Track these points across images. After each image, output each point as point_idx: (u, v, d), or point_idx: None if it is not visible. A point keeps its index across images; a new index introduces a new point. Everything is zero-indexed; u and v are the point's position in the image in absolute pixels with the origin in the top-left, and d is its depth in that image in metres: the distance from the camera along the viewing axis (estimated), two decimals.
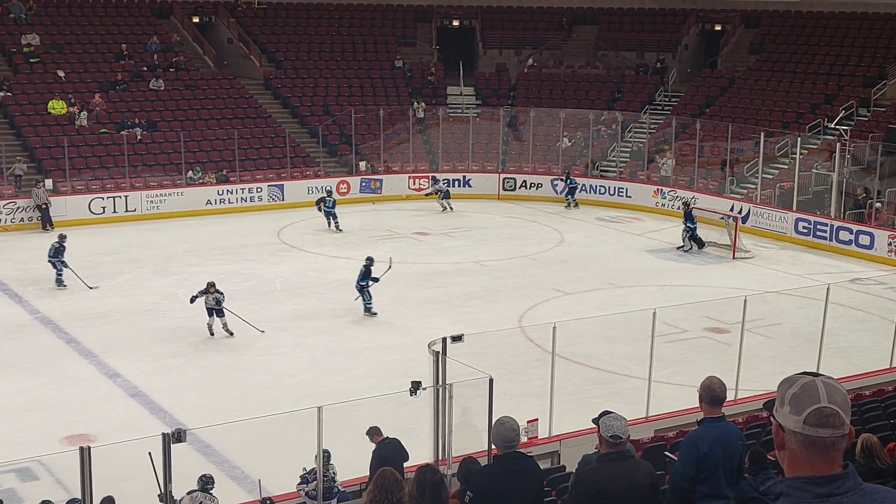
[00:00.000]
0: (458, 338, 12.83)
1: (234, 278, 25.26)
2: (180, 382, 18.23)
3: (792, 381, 2.92)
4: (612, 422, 6.16)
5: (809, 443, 2.84)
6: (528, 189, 37.01)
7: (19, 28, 37.43)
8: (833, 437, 2.83)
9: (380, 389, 17.10)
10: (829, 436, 2.83)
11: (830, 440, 2.83)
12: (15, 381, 18.02)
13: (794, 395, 2.88)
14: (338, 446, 12.79)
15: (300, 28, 43.41)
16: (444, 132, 38.78)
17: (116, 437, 14.91)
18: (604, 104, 40.33)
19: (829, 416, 2.83)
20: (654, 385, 15.51)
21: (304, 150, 37.17)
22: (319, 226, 31.67)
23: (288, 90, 40.00)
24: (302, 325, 21.61)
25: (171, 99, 37.12)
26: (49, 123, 34.21)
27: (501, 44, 44.28)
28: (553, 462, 13.49)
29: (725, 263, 28.03)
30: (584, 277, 26.05)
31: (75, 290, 24.00)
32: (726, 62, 41.39)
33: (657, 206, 34.60)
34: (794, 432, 2.85)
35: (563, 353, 15.99)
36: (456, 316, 22.18)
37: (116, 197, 32.07)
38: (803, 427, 2.84)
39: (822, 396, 2.85)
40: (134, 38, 39.05)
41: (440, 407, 12.79)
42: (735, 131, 34.84)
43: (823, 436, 2.82)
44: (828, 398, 2.84)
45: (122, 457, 12.79)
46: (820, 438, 2.83)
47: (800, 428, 2.84)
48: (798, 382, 2.90)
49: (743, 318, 16.25)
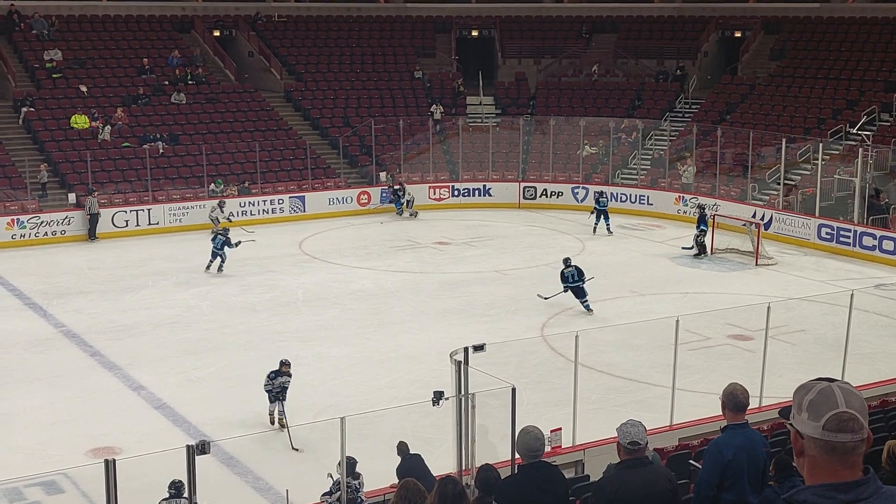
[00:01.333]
0: (480, 347, 12.79)
1: (257, 290, 25.37)
2: (204, 394, 18.29)
3: (808, 388, 2.92)
4: (629, 428, 6.15)
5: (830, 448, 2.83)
6: (549, 198, 36.97)
7: (42, 43, 37.76)
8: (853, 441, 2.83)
9: (402, 400, 17.12)
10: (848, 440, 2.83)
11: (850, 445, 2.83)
12: (40, 395, 18.13)
13: (811, 401, 2.88)
14: (360, 457, 12.79)
15: (320, 40, 43.59)
16: (463, 142, 38.82)
17: (141, 450, 14.97)
18: (624, 112, 40.28)
19: (847, 420, 2.83)
20: (678, 393, 15.43)
21: (324, 161, 37.29)
22: (341, 237, 31.78)
23: (308, 102, 40.16)
24: (324, 336, 21.65)
25: (193, 112, 37.35)
26: (72, 138, 34.47)
27: (521, 53, 44.32)
28: (577, 471, 13.44)
29: (748, 270, 27.90)
30: (605, 285, 25.96)
31: (100, 303, 24.15)
32: (747, 69, 41.25)
33: (679, 213, 34.49)
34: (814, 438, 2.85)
35: (585, 361, 15.95)
36: (478, 325, 22.16)
37: (139, 210, 32.25)
38: (822, 433, 2.83)
39: (839, 402, 2.85)
40: (155, 52, 39.32)
41: (463, 417, 12.77)
42: (756, 138, 34.69)
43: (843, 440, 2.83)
44: (845, 403, 2.85)
45: (147, 469, 12.84)
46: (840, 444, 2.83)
47: (819, 434, 2.84)
48: (815, 388, 2.90)
49: (766, 325, 16.17)
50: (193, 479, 10.12)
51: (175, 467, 10.11)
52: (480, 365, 12.82)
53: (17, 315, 23.28)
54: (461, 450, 12.79)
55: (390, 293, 25.23)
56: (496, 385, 12.75)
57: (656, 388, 17.40)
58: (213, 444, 11.12)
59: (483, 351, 12.74)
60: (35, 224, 30.50)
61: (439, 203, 36.33)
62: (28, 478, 14.16)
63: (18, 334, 21.65)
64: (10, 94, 35.63)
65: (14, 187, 31.73)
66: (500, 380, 12.75)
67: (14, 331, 21.94)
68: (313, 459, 14.69)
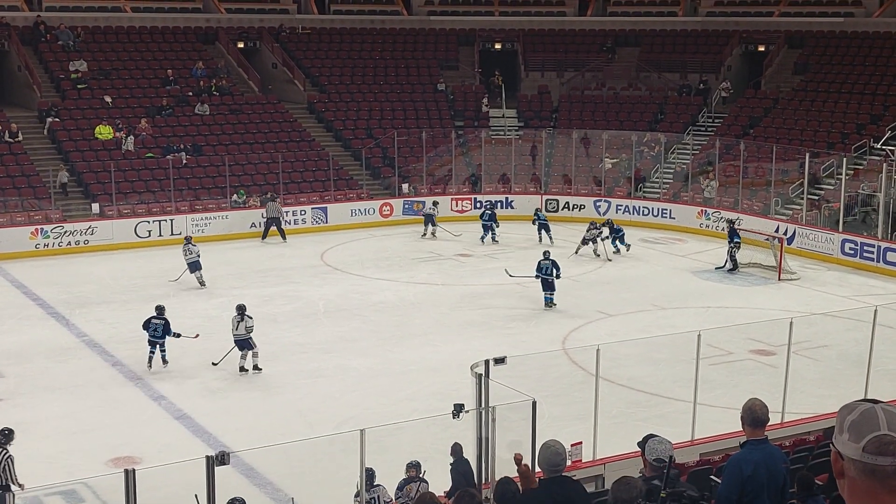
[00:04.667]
0: (501, 360, 12.76)
1: (278, 301, 25.41)
2: (224, 405, 18.32)
3: (851, 408, 2.85)
4: (656, 445, 6.11)
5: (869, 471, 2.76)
6: (571, 210, 36.92)
7: (67, 54, 38.07)
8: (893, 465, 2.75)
9: (423, 412, 17.09)
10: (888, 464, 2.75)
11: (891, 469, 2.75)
12: (61, 404, 18.21)
13: (853, 422, 2.81)
14: (380, 469, 12.78)
15: (343, 52, 43.74)
16: (486, 154, 38.83)
17: (161, 460, 15.01)
18: (646, 126, 40.20)
19: (888, 444, 2.75)
20: (700, 408, 15.34)
21: (347, 172, 37.38)
22: (362, 248, 31.82)
23: (331, 114, 40.29)
24: (345, 347, 21.66)
25: (216, 123, 37.53)
26: (96, 148, 34.70)
27: (543, 66, 44.33)
28: (597, 486, 13.37)
29: (771, 285, 27.74)
30: (627, 299, 25.90)
31: (122, 313, 24.25)
32: (770, 83, 41.10)
33: (701, 227, 34.36)
34: (854, 460, 2.78)
35: (606, 375, 15.88)
36: (498, 338, 22.12)
37: (162, 220, 32.41)
38: (862, 455, 2.76)
39: (881, 424, 2.77)
40: (180, 63, 39.57)
41: (483, 430, 12.73)
42: (780, 152, 34.54)
43: (883, 464, 2.75)
44: (887, 425, 2.77)
45: (167, 480, 12.87)
46: (880, 467, 2.75)
47: (859, 456, 2.77)
48: (857, 409, 2.83)
49: (789, 341, 16.05)
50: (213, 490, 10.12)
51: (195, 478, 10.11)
52: (501, 378, 12.78)
53: (39, 324, 23.42)
54: (481, 463, 12.75)
55: (412, 305, 25.23)
56: (517, 398, 12.70)
57: (677, 402, 17.30)
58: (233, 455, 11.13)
59: (504, 364, 12.70)
60: (58, 234, 30.69)
61: (461, 215, 36.32)
62: (48, 487, 14.21)
63: (41, 343, 21.77)
64: (36, 105, 35.92)
65: (38, 197, 31.96)
66: (521, 393, 12.71)
67: (36, 340, 22.07)
68: (333, 471, 14.67)
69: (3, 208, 31.15)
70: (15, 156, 33.37)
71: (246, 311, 20.04)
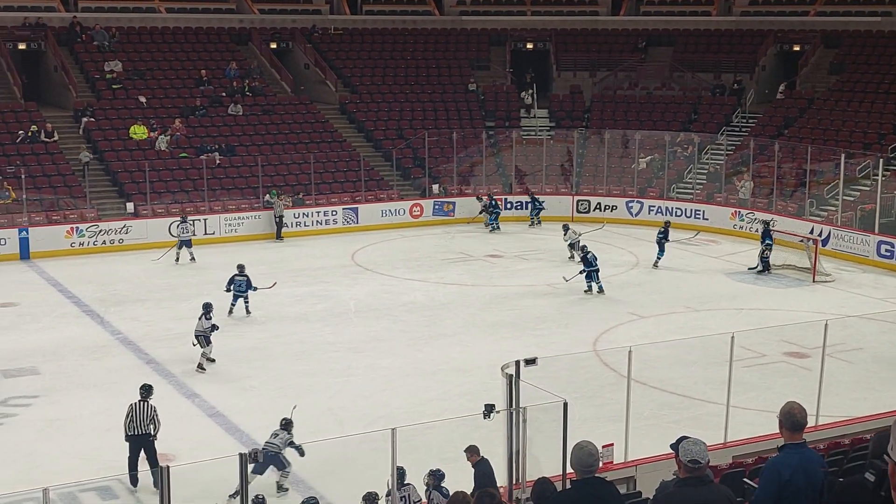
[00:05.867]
0: (532, 361, 12.74)
1: (309, 300, 25.52)
2: (257, 403, 18.42)
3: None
4: (691, 446, 6.07)
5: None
6: (603, 211, 36.80)
7: (102, 55, 38.40)
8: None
9: (453, 412, 17.11)
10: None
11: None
12: (96, 401, 18.38)
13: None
14: (410, 469, 12.80)
15: (375, 53, 43.83)
16: (517, 154, 38.78)
17: (194, 457, 15.12)
18: (680, 126, 39.99)
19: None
20: (732, 410, 15.25)
21: (378, 173, 37.45)
22: (393, 248, 31.89)
23: (363, 114, 40.38)
24: (376, 347, 21.72)
25: (249, 124, 37.72)
26: (131, 148, 34.98)
27: (576, 66, 44.20)
28: (629, 487, 13.33)
29: (805, 287, 27.53)
30: (659, 300, 25.78)
31: (156, 311, 24.44)
32: (805, 83, 40.77)
33: (735, 228, 34.15)
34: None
35: (638, 377, 15.82)
36: (529, 339, 22.10)
37: (195, 220, 32.59)
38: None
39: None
40: (213, 64, 39.80)
41: (514, 431, 12.71)
42: (815, 153, 34.26)
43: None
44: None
45: (201, 476, 12.95)
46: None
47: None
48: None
49: (824, 343, 15.92)
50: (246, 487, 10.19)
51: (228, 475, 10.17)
52: (531, 378, 12.77)
53: (74, 322, 23.64)
54: (512, 464, 12.74)
55: (442, 305, 25.25)
56: (547, 399, 12.69)
57: (710, 404, 17.21)
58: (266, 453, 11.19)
59: (535, 365, 12.68)
60: (94, 233, 30.96)
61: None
62: (83, 483, 14.34)
63: (76, 341, 21.98)
64: (71, 105, 36.26)
65: (74, 196, 32.26)
66: (552, 394, 12.69)
67: (72, 337, 22.28)
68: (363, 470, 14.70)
69: (39, 207, 31.46)
70: (51, 155, 33.69)
71: (211, 310, 20.33)
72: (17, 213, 30.88)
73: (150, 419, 14.97)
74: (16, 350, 21.30)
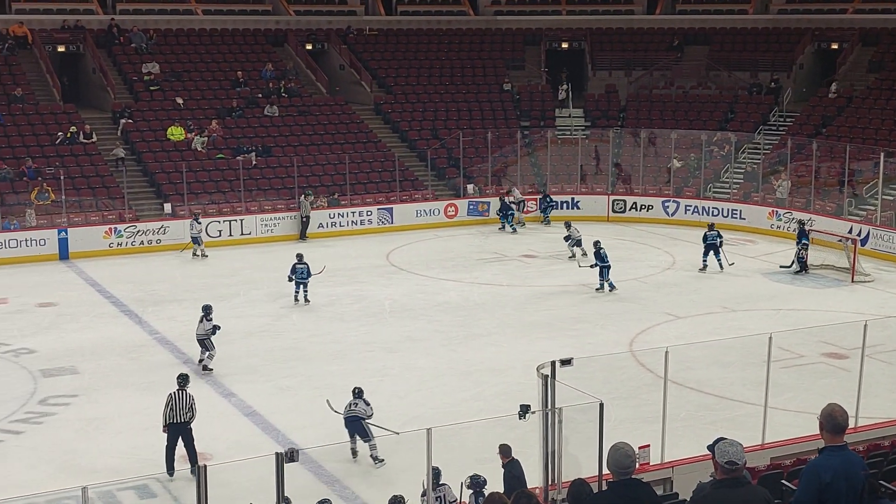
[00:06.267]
0: (568, 361, 12.69)
1: (345, 300, 25.60)
2: (293, 402, 18.50)
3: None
4: (727, 447, 6.04)
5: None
6: (639, 211, 36.65)
7: (140, 57, 38.73)
8: None
9: (487, 412, 17.10)
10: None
11: None
12: (134, 400, 18.53)
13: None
14: (445, 469, 12.79)
15: (410, 54, 43.91)
16: (552, 154, 38.69)
17: (231, 456, 15.23)
18: (716, 125, 39.73)
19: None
20: (770, 412, 15.12)
21: (412, 173, 37.50)
22: (428, 248, 31.91)
23: (398, 115, 40.45)
24: (411, 347, 21.75)
25: (285, 125, 37.90)
26: (168, 149, 35.25)
27: (611, 65, 44.04)
28: (665, 489, 13.25)
29: (844, 287, 27.26)
30: (696, 301, 25.63)
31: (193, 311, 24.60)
32: (843, 81, 40.37)
33: (772, 228, 33.87)
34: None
35: (675, 378, 15.73)
36: (564, 339, 22.04)
37: (232, 220, 32.84)
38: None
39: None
40: (249, 65, 40.03)
41: (549, 431, 12.68)
42: (853, 151, 33.91)
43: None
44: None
45: (237, 476, 13.03)
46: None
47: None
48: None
49: (863, 344, 15.74)
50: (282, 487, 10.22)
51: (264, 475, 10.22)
52: (566, 379, 12.72)
53: (112, 322, 23.86)
54: (548, 464, 12.70)
55: (476, 305, 25.24)
56: (583, 400, 12.63)
57: (747, 406, 17.09)
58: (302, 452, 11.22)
59: (570, 365, 12.63)
60: (132, 233, 31.22)
61: (526, 216, 36.21)
62: (121, 481, 14.48)
63: (114, 340, 22.18)
64: (110, 106, 36.61)
65: (112, 197, 32.55)
66: (588, 394, 12.64)
67: (110, 337, 22.49)
68: (400, 470, 14.74)
69: (78, 208, 31.79)
70: (90, 156, 34.03)
71: (211, 312, 20.41)
72: (56, 213, 31.22)
73: (188, 407, 15.44)
74: (55, 349, 21.54)
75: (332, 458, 14.76)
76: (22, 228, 30.41)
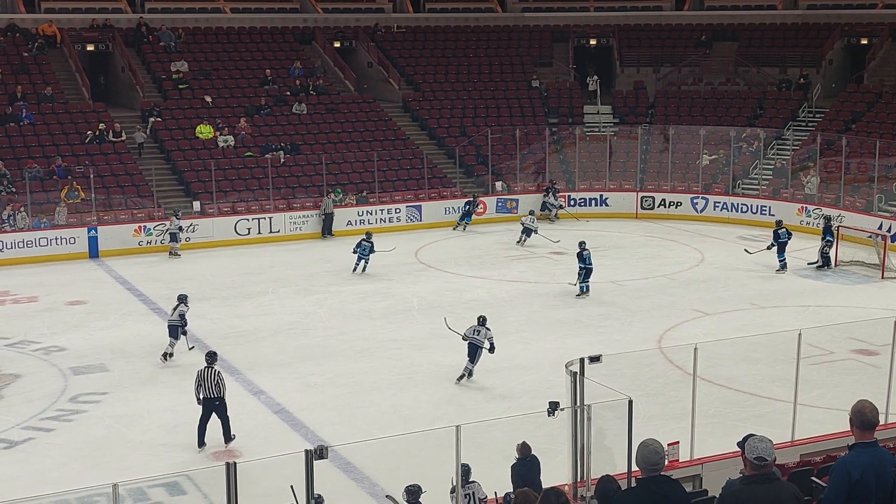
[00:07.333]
0: (597, 358, 12.67)
1: (373, 297, 25.65)
2: (321, 399, 18.57)
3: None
4: (756, 443, 6.02)
5: None
6: (668, 208, 36.50)
7: (169, 55, 38.96)
8: None
9: (516, 409, 17.11)
10: None
11: None
12: (164, 398, 18.65)
13: None
14: (475, 466, 12.80)
15: (437, 51, 43.92)
16: (580, 151, 38.61)
17: (260, 453, 15.30)
18: (745, 121, 39.51)
19: None
20: (800, 408, 15.03)
21: (441, 171, 37.52)
22: (456, 246, 31.91)
23: (426, 112, 40.48)
24: (439, 344, 21.73)
25: (313, 122, 38.01)
26: (197, 147, 35.44)
27: (639, 62, 43.87)
28: (694, 486, 13.21)
29: (874, 283, 27.04)
30: (724, 297, 25.51)
31: (221, 308, 24.74)
32: (873, 76, 40.01)
33: (802, 224, 33.61)
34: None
35: (703, 374, 15.67)
36: (592, 336, 22.00)
37: (261, 218, 32.98)
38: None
39: None
40: (278, 63, 40.17)
41: (578, 428, 12.67)
42: (883, 147, 33.62)
43: None
44: None
45: (267, 473, 13.09)
46: None
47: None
48: None
49: (893, 340, 15.60)
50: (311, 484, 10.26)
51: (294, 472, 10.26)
52: (595, 376, 12.70)
53: (142, 319, 24.02)
54: (577, 461, 12.69)
55: (504, 302, 25.22)
56: (612, 397, 12.61)
57: (776, 402, 17.00)
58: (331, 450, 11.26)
59: (599, 362, 12.61)
60: (161, 231, 31.39)
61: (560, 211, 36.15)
62: (151, 479, 14.59)
63: (143, 338, 22.32)
64: (139, 105, 36.84)
65: (142, 195, 32.77)
66: (617, 391, 12.62)
67: (139, 335, 22.64)
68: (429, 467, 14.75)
69: (107, 207, 32.02)
70: (119, 155, 34.27)
71: (185, 301, 20.73)
72: (86, 212, 31.46)
73: (215, 383, 16.25)
74: (85, 347, 21.72)
75: (361, 455, 14.80)
76: (52, 227, 30.68)
